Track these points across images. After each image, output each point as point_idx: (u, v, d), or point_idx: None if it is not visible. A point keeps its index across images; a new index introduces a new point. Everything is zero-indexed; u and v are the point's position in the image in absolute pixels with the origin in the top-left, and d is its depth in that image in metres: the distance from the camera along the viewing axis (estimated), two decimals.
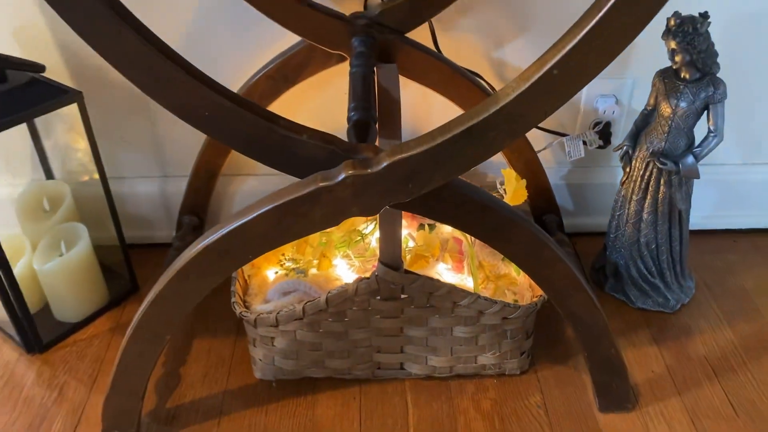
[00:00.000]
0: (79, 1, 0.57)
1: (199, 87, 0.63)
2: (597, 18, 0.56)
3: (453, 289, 0.89)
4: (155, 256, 1.18)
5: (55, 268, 1.04)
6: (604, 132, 1.15)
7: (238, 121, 0.66)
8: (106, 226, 1.11)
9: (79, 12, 0.58)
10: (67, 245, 1.06)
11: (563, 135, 1.13)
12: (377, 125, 0.79)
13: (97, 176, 1.10)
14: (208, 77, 0.66)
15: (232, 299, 0.93)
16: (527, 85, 0.60)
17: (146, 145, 1.17)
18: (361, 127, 0.75)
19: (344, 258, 1.04)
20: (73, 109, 0.98)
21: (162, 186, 1.21)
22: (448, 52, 1.07)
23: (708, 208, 1.23)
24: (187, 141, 1.15)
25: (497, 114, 0.62)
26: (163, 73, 0.62)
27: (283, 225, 0.71)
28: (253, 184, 1.21)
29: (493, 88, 1.09)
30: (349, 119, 0.77)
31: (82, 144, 1.08)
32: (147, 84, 0.62)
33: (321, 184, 0.68)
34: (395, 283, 0.86)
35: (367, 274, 0.87)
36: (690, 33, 0.90)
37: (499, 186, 1.11)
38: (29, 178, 1.17)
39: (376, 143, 0.74)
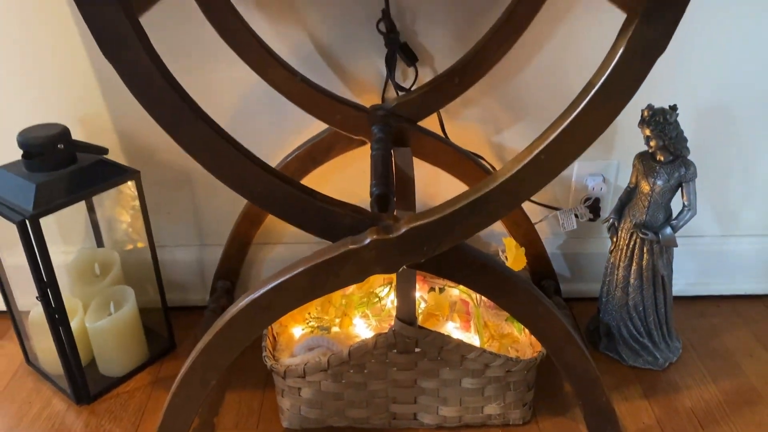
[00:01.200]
0: (165, 100, 0.73)
1: (254, 168, 0.78)
2: (573, 115, 0.72)
3: (461, 344, 1.00)
4: (191, 318, 1.30)
5: (105, 327, 1.16)
6: (594, 206, 1.29)
7: (283, 195, 0.80)
8: (149, 290, 1.24)
9: (166, 109, 0.73)
10: (115, 306, 1.19)
11: (557, 209, 1.27)
12: (395, 198, 0.94)
13: (141, 244, 1.24)
14: (260, 160, 0.81)
15: (264, 353, 1.05)
16: (519, 166, 0.75)
17: (187, 216, 1.32)
18: (382, 199, 0.89)
19: (363, 317, 1.16)
20: (130, 185, 1.13)
21: (199, 253, 1.35)
22: (454, 137, 1.22)
23: (692, 276, 1.36)
24: (223, 213, 1.30)
25: (496, 189, 0.76)
26: (226, 157, 0.77)
27: (317, 282, 0.84)
28: (281, 251, 1.35)
29: (493, 168, 1.24)
30: (371, 193, 0.91)
31: (133, 216, 1.23)
32: (213, 165, 0.77)
33: (350, 247, 0.82)
34: (410, 337, 0.98)
35: (384, 331, 0.99)
36: (661, 122, 1.05)
37: (500, 253, 1.24)
38: (81, 245, 1.31)
39: (395, 214, 0.88)
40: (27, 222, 0.99)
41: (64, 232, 1.30)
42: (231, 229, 1.29)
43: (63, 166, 1.06)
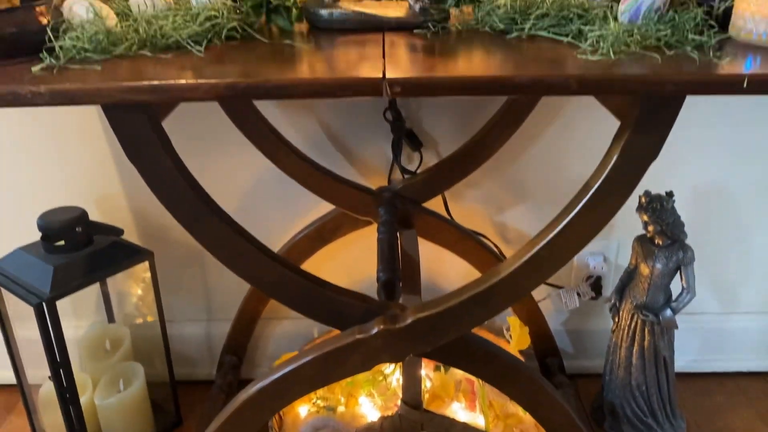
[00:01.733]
0: (184, 199, 0.77)
1: (267, 260, 0.82)
2: (571, 215, 0.75)
3: (467, 427, 1.01)
4: (198, 393, 1.32)
5: (114, 404, 1.18)
6: (596, 285, 1.32)
7: (294, 286, 0.83)
8: (157, 364, 1.26)
9: (184, 207, 0.77)
10: (124, 383, 1.20)
11: (560, 287, 1.30)
12: (401, 284, 0.97)
13: (151, 318, 1.27)
14: (272, 252, 0.84)
15: None
16: (520, 262, 0.78)
17: (196, 292, 1.35)
18: (388, 285, 0.92)
19: (368, 397, 1.18)
20: (144, 265, 1.17)
21: (207, 328, 1.37)
22: (458, 216, 1.26)
23: (694, 353, 1.37)
24: (232, 288, 1.32)
25: (498, 284, 0.79)
26: (240, 251, 0.80)
27: (326, 370, 0.86)
28: (288, 326, 1.37)
29: (496, 246, 1.28)
30: (378, 278, 0.94)
31: (144, 291, 1.26)
32: (227, 259, 0.80)
33: (358, 336, 0.84)
34: (416, 420, 0.99)
35: (390, 412, 1.01)
36: (658, 209, 1.09)
37: (505, 332, 1.26)
38: (92, 320, 1.33)
39: (401, 302, 0.91)
40: (44, 305, 1.02)
41: (76, 307, 1.33)
42: (239, 305, 1.31)
43: (80, 248, 1.10)
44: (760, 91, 0.64)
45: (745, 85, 0.63)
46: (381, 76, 0.65)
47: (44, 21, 0.73)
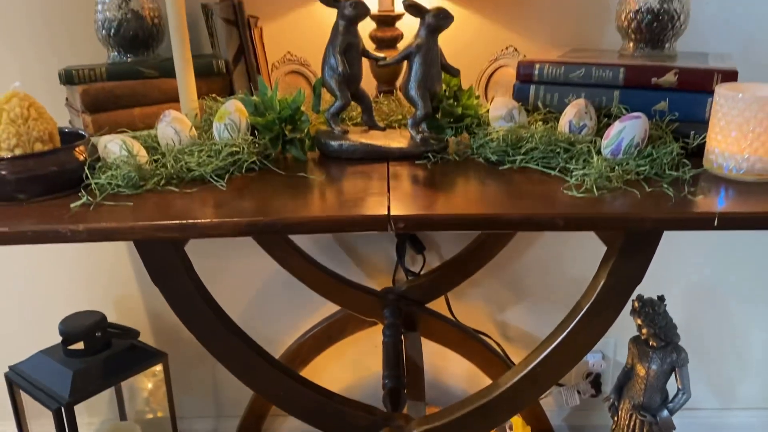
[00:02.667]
0: (203, 318, 0.83)
1: (276, 373, 0.86)
2: (564, 334, 0.81)
3: None
4: None
5: None
6: (595, 381, 1.35)
7: (302, 398, 0.88)
8: None
9: (202, 326, 0.83)
10: None
11: (561, 385, 1.33)
12: (406, 390, 1.01)
13: (162, 414, 1.30)
14: (282, 365, 0.89)
15: None
16: (517, 378, 0.83)
17: (207, 389, 1.39)
18: (394, 395, 0.97)
19: None
20: (158, 366, 1.21)
21: (216, 424, 1.40)
22: (460, 315, 1.31)
23: None
24: (241, 386, 1.35)
25: (497, 398, 0.84)
26: (252, 366, 0.85)
27: None
28: (294, 423, 1.39)
29: (499, 345, 1.32)
30: (384, 386, 0.99)
31: (157, 390, 1.30)
32: (240, 373, 0.85)
33: None
34: None
35: None
36: (651, 313, 1.14)
37: (508, 430, 1.29)
38: (105, 417, 1.37)
39: (406, 412, 0.95)
40: (62, 409, 1.06)
41: (90, 405, 1.36)
42: (247, 402, 1.34)
43: (98, 352, 1.15)
44: (729, 227, 0.70)
45: (715, 223, 0.69)
46: (386, 213, 0.72)
47: (81, 158, 0.81)
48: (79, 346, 1.15)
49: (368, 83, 1.04)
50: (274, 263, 1.22)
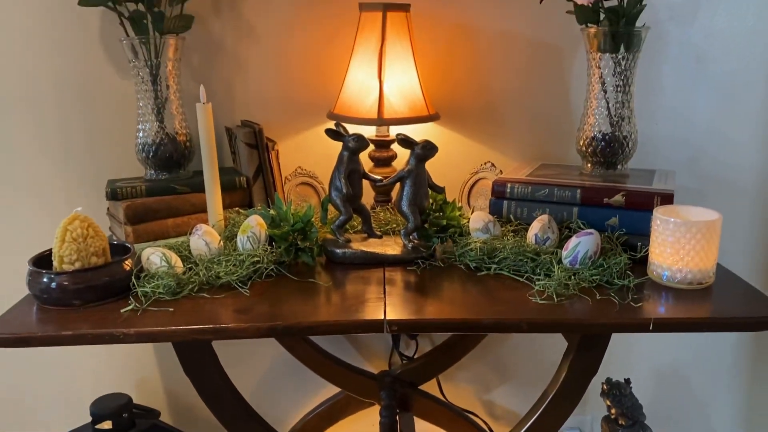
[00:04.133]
0: (226, 405, 0.97)
1: None
2: (534, 418, 0.95)
3: None
4: None
5: None
6: None
7: None
8: None
9: (226, 411, 0.97)
10: None
11: None
12: None
13: None
14: None
15: None
16: None
17: None
18: None
19: None
20: None
21: None
22: (450, 395, 1.45)
23: None
24: None
25: None
26: None
27: None
28: None
29: (486, 423, 1.45)
30: None
31: None
32: None
33: None
34: None
35: None
36: (618, 395, 1.28)
37: None
38: None
39: None
40: None
41: None
42: None
43: (124, 431, 1.28)
44: (663, 330, 0.86)
45: (650, 327, 0.85)
46: (383, 317, 0.88)
47: (128, 268, 0.97)
48: (107, 425, 1.28)
49: (368, 193, 1.22)
50: (281, 348, 1.37)
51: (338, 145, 1.08)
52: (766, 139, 1.30)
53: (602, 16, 1.12)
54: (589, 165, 1.19)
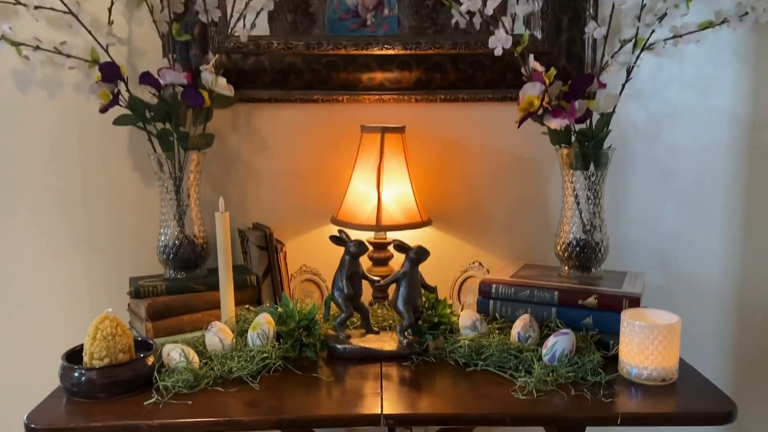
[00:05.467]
0: None
1: None
2: None
3: None
4: None
5: None
6: None
7: None
8: None
9: None
10: None
11: None
12: None
13: None
14: None
15: None
16: None
17: None
18: None
19: None
20: None
21: None
22: None
23: None
24: None
25: None
26: None
27: None
28: None
29: None
30: None
31: None
32: None
33: None
34: None
35: None
36: None
37: None
38: None
39: None
40: None
41: None
42: None
43: None
44: (631, 425, 0.96)
45: (618, 421, 0.95)
46: (379, 412, 0.98)
47: (150, 363, 1.08)
48: None
49: (367, 290, 1.34)
50: None
51: (340, 246, 1.21)
52: (727, 243, 1.44)
53: (573, 138, 1.28)
54: (566, 268, 1.32)
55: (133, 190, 1.44)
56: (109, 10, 1.32)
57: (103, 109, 1.28)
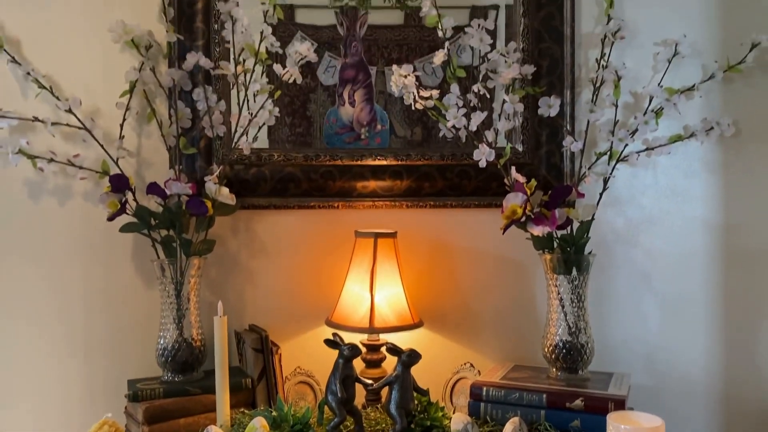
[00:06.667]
0: None
1: None
2: None
3: None
4: None
5: None
6: None
7: None
8: None
9: None
10: None
11: None
12: None
13: None
14: None
15: None
16: None
17: None
18: None
19: None
20: None
21: None
22: None
23: None
24: None
25: None
26: None
27: None
28: None
29: None
30: None
31: None
32: None
33: None
34: None
35: None
36: None
37: None
38: None
39: None
40: None
41: None
42: None
43: None
44: None
45: None
46: None
47: None
48: None
49: (360, 391, 1.36)
50: None
51: (334, 350, 1.25)
52: (710, 342, 1.48)
53: (555, 244, 1.35)
54: (554, 369, 1.36)
55: (134, 294, 1.49)
56: (121, 125, 1.42)
57: (111, 218, 1.35)
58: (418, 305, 1.48)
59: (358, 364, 1.32)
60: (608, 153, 1.42)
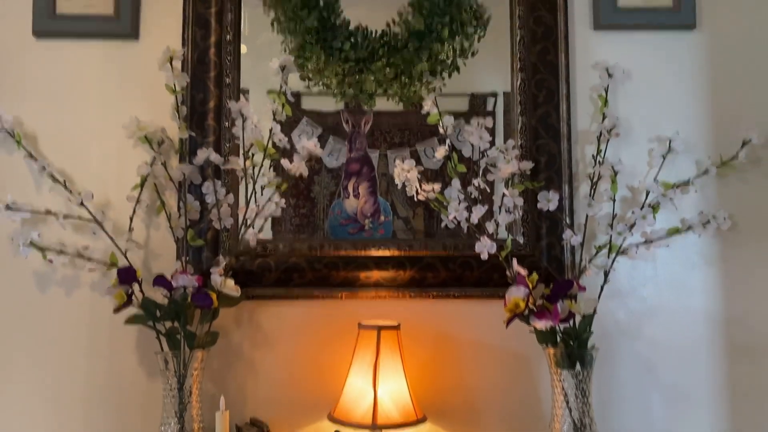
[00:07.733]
0: None
1: None
2: None
3: None
4: None
5: None
6: None
7: None
8: None
9: None
10: None
11: None
12: None
13: None
14: None
15: None
16: None
17: None
18: None
19: None
20: None
21: None
22: None
23: None
24: None
25: None
26: None
27: None
28: None
29: None
30: None
31: None
32: None
33: None
34: None
35: None
36: None
37: None
38: None
39: None
40: None
41: None
42: None
43: None
44: None
45: None
46: None
47: None
48: None
49: None
50: None
51: None
52: None
53: (558, 338, 1.36)
54: None
55: (137, 386, 1.48)
56: (131, 218, 1.45)
57: (117, 310, 1.36)
58: (421, 399, 1.47)
59: None
60: (608, 246, 1.44)
